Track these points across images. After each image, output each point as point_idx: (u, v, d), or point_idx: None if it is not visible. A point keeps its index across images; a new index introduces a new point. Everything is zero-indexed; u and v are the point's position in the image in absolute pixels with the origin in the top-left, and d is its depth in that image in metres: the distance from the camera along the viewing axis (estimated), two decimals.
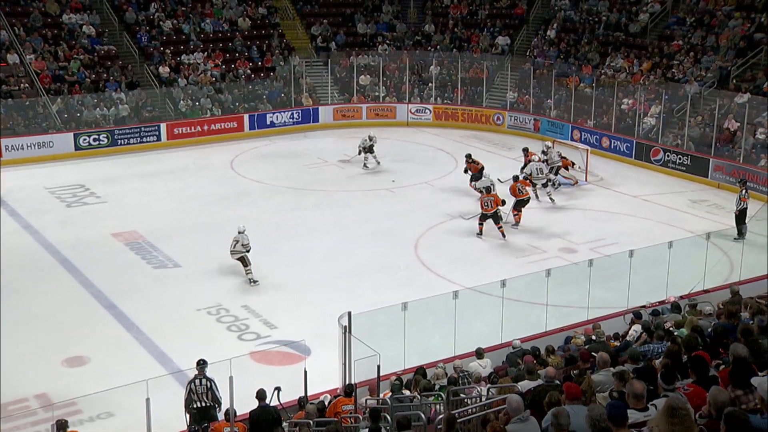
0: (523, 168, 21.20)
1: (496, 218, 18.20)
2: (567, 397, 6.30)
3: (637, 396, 5.70)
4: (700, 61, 25.70)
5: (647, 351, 9.24)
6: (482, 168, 20.81)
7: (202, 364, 10.27)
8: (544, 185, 21.13)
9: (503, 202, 18.48)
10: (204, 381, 10.16)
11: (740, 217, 17.84)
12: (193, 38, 29.31)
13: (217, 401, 10.12)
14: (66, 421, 9.31)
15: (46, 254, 17.26)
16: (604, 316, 13.12)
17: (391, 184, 22.31)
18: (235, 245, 15.86)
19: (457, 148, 25.97)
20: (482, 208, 18.27)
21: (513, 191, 18.95)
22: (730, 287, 12.61)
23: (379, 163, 23.85)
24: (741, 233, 17.38)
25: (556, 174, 21.93)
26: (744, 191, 18.16)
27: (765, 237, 15.34)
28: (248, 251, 15.76)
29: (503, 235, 18.14)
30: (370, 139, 23.77)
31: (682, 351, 7.44)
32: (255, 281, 15.81)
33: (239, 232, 15.84)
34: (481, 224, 18.36)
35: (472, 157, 21.52)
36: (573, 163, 22.75)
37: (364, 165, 23.68)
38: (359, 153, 23.82)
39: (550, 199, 20.87)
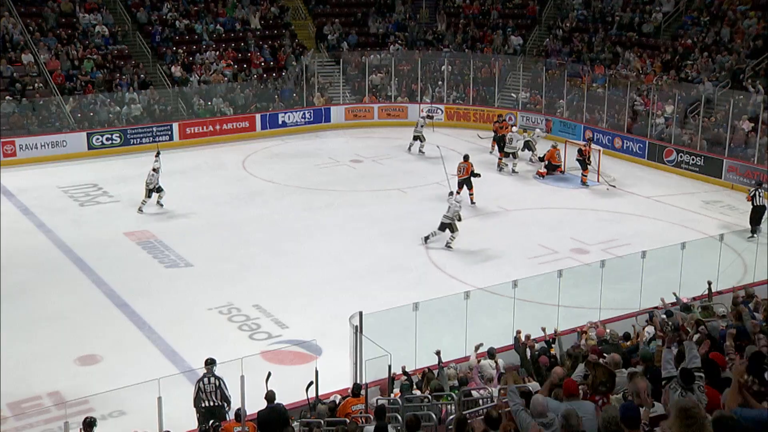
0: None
1: (470, 184, 20.34)
2: (564, 393, 6.24)
3: (640, 394, 5.70)
4: (714, 61, 25.57)
5: (652, 349, 9.21)
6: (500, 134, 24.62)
7: (210, 363, 10.29)
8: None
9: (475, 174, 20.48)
10: (213, 380, 10.17)
11: (755, 215, 18.02)
12: (206, 38, 29.40)
13: (226, 400, 10.12)
14: (94, 419, 9.16)
15: (59, 253, 17.35)
16: (616, 317, 13.07)
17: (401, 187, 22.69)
18: (153, 176, 19.66)
19: (469, 148, 25.93)
20: (457, 174, 20.53)
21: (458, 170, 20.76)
22: (744, 289, 12.53)
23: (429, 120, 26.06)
24: (754, 231, 17.51)
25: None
26: (752, 190, 18.42)
27: None
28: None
29: (472, 201, 20.31)
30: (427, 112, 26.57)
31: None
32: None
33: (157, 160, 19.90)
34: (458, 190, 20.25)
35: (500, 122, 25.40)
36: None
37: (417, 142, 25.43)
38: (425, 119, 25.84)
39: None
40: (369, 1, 33.43)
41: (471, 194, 20.37)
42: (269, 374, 10.01)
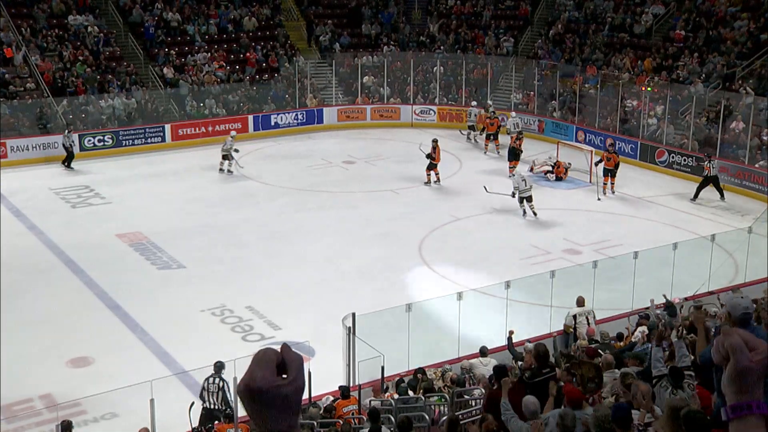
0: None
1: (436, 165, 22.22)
2: (567, 400, 6.25)
3: (643, 397, 5.70)
4: (705, 62, 25.66)
5: (647, 349, 9.23)
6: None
7: (219, 366, 10.38)
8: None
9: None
10: (217, 380, 10.23)
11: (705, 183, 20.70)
12: (198, 39, 29.34)
13: (227, 404, 10.12)
14: (70, 422, 9.26)
15: (51, 255, 17.29)
16: (609, 318, 13.11)
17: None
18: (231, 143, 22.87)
19: (462, 148, 26.04)
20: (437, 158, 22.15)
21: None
22: (733, 289, 12.58)
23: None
24: (696, 196, 20.71)
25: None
26: (706, 162, 20.63)
27: None
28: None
29: (438, 180, 22.13)
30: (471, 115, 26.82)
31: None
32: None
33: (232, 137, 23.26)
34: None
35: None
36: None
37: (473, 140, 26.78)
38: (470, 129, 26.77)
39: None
40: (361, 3, 33.40)
41: (437, 173, 22.06)
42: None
